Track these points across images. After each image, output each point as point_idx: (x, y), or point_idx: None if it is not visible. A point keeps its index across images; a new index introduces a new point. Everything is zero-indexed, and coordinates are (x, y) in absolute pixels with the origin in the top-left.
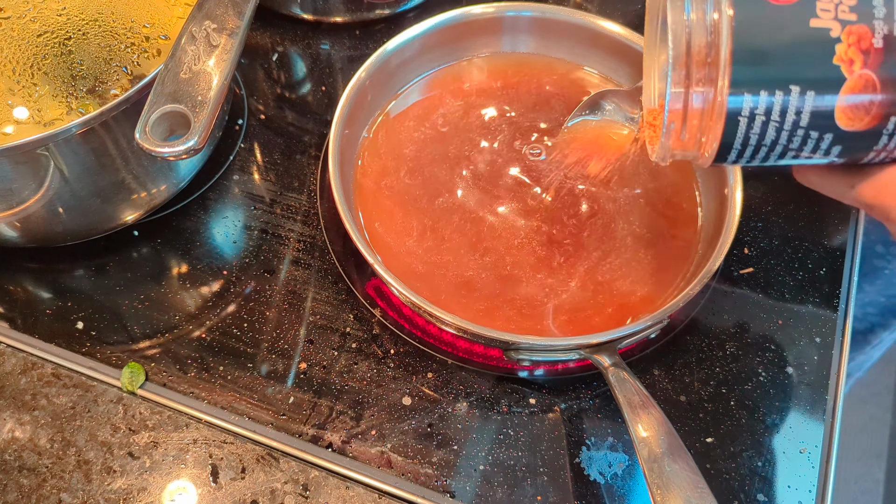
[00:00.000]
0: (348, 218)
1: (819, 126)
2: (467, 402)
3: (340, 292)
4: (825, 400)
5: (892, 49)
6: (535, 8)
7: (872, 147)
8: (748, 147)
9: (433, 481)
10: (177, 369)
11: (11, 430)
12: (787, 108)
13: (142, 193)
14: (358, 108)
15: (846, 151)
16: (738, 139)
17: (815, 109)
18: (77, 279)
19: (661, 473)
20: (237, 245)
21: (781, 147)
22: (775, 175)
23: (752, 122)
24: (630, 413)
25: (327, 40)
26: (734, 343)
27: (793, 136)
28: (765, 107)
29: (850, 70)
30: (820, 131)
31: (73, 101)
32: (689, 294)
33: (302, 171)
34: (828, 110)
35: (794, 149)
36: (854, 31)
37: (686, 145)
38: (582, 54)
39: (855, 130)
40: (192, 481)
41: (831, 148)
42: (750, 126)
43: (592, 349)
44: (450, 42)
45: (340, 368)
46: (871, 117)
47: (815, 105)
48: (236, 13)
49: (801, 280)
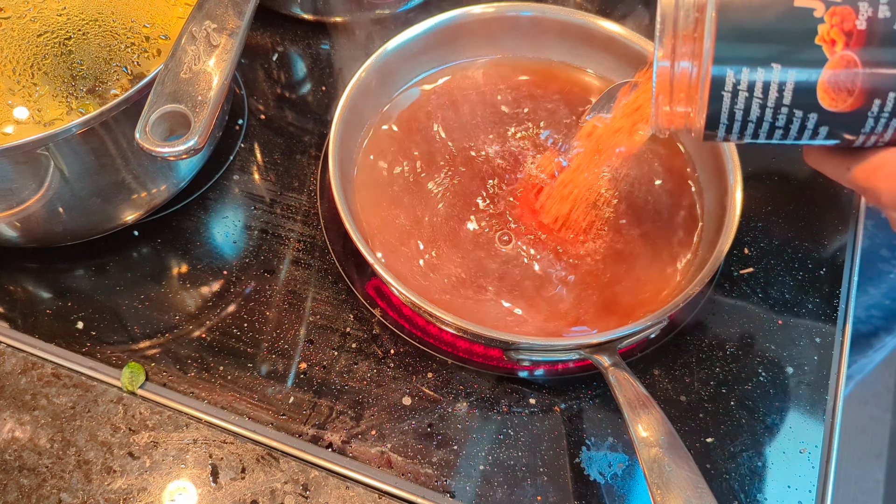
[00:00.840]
0: (348, 218)
1: (803, 105)
2: (467, 402)
3: (340, 292)
4: (825, 400)
5: (876, 31)
6: (534, 8)
7: (860, 130)
8: (735, 122)
9: (433, 481)
10: (177, 369)
11: (11, 430)
12: (770, 84)
13: (142, 193)
14: (358, 108)
15: (834, 133)
16: (724, 114)
17: (798, 87)
18: (77, 279)
19: (661, 473)
20: (237, 245)
21: (768, 124)
22: (775, 175)
23: (735, 97)
24: (630, 413)
25: (327, 40)
26: (734, 343)
27: (777, 114)
28: (748, 82)
29: (832, 50)
30: (804, 110)
31: (74, 100)
32: (690, 294)
33: (302, 171)
34: (810, 89)
35: (781, 127)
36: (838, 11)
37: (675, 117)
38: (582, 54)
39: (839, 111)
40: (192, 481)
41: (819, 128)
42: (734, 101)
43: (592, 349)
44: (450, 42)
45: (340, 368)
46: (854, 98)
47: (797, 83)
48: (236, 13)
49: (801, 280)
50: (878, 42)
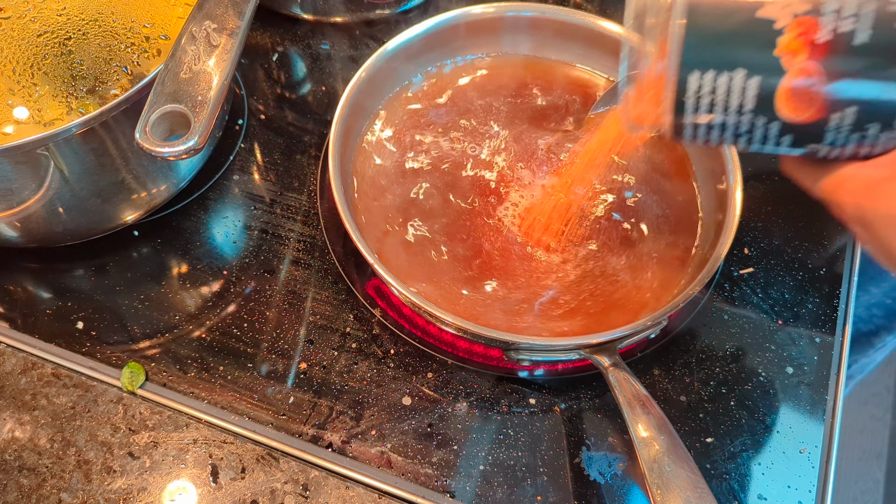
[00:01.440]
0: (348, 218)
1: (764, 112)
2: (467, 402)
3: (340, 292)
4: (825, 400)
5: (836, 45)
6: (534, 8)
7: (822, 141)
8: (700, 125)
9: (433, 481)
10: (177, 369)
11: (11, 429)
12: (732, 90)
13: (142, 193)
14: (359, 107)
15: (798, 142)
16: (688, 114)
17: (759, 95)
18: (77, 279)
19: (661, 473)
20: (237, 245)
21: (732, 128)
22: (775, 175)
23: (699, 99)
24: (630, 413)
25: (327, 40)
26: (734, 343)
27: (740, 119)
28: (710, 87)
29: (791, 62)
30: (766, 118)
31: (73, 100)
32: (690, 293)
33: (302, 171)
34: (769, 97)
35: (745, 132)
36: (801, 23)
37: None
38: (582, 54)
39: (800, 122)
40: (192, 481)
41: (782, 137)
42: (698, 103)
43: (592, 349)
44: (450, 42)
45: (340, 368)
46: (814, 110)
47: (758, 91)
48: (236, 13)
49: (801, 280)
50: (839, 56)
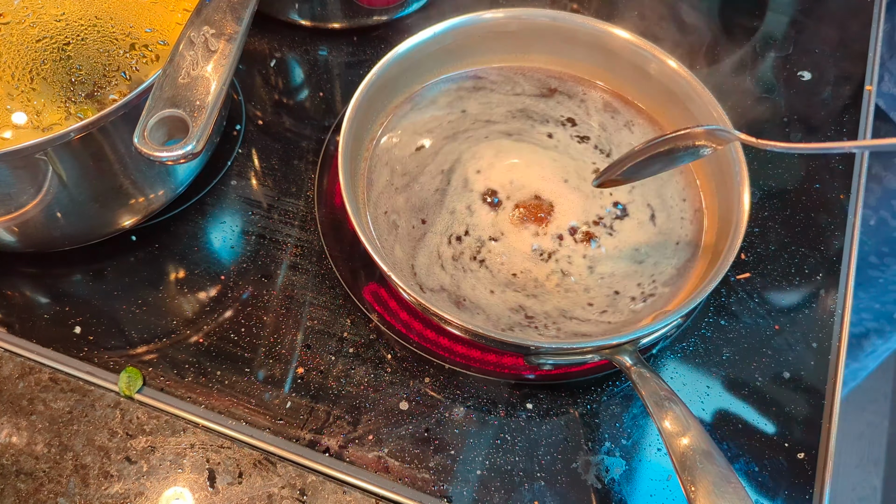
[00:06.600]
0: (357, 221)
1: None
2: (464, 407)
3: (338, 297)
4: (822, 405)
5: None
6: (544, 14)
7: None
8: None
9: (430, 486)
10: (174, 374)
11: (9, 434)
12: None
13: (140, 198)
14: (367, 111)
15: None
16: None
17: None
18: (75, 284)
19: (692, 469)
20: (235, 250)
21: None
22: (772, 181)
23: None
24: (656, 410)
25: (325, 46)
26: (731, 348)
27: None
28: None
29: None
30: None
31: (72, 105)
32: (704, 291)
33: (299, 177)
34: None
35: None
36: None
37: None
38: (592, 60)
39: None
40: (189, 486)
41: None
42: None
43: (613, 350)
44: (458, 48)
45: (338, 373)
46: None
47: None
48: (235, 19)
49: (797, 285)
50: None
